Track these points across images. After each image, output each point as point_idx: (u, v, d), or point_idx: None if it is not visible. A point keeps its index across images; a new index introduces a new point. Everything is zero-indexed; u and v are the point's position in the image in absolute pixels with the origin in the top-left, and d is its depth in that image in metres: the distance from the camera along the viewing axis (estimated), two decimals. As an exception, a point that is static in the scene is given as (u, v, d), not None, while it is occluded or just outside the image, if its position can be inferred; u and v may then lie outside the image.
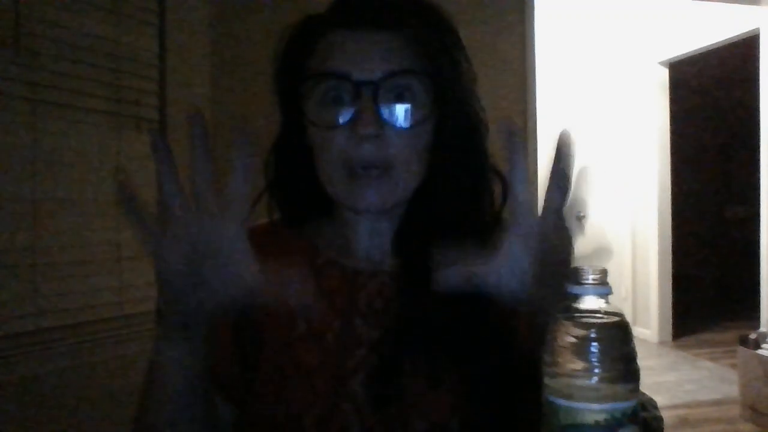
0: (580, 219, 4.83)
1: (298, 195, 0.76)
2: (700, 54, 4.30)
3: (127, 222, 0.51)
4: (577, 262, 0.57)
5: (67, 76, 1.64)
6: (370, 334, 0.69)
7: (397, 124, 0.66)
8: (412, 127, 0.66)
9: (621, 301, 4.77)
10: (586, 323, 0.42)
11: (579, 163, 0.55)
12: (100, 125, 1.72)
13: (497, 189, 0.73)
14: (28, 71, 1.56)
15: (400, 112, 0.66)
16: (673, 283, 4.69)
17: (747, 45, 3.82)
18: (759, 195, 3.65)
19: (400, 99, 0.66)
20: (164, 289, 0.52)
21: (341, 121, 0.65)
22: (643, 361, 0.48)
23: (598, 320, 0.42)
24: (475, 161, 0.72)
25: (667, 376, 3.93)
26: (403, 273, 0.71)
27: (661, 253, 4.64)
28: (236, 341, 0.72)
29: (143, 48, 1.83)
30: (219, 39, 2.04)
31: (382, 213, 0.72)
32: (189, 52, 1.95)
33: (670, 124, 4.66)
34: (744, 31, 3.76)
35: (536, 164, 2.43)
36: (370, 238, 0.74)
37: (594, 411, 0.41)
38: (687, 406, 3.42)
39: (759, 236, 3.64)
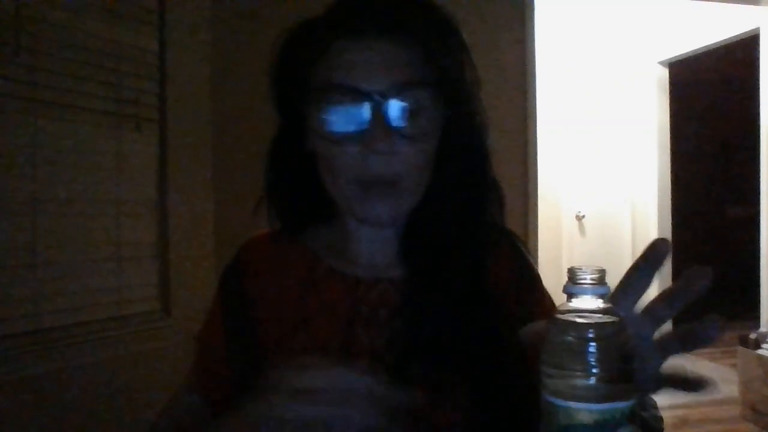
0: (580, 218, 4.83)
1: (298, 201, 0.74)
2: (700, 54, 4.30)
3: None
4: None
5: (67, 76, 1.64)
6: (373, 344, 0.68)
7: (408, 138, 0.64)
8: (421, 138, 0.65)
9: (621, 301, 4.75)
10: (584, 323, 0.42)
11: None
12: (100, 125, 1.73)
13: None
14: (28, 71, 1.56)
15: (411, 124, 0.64)
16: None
17: (747, 45, 3.82)
18: (759, 195, 3.65)
19: (411, 112, 0.64)
20: None
21: (351, 135, 0.63)
22: (642, 361, 0.47)
23: (596, 320, 0.42)
24: (479, 166, 0.70)
25: (667, 376, 3.93)
26: (410, 281, 0.70)
27: (661, 253, 4.63)
28: (230, 346, 0.72)
29: (143, 48, 1.83)
30: (219, 39, 2.04)
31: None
32: (189, 52, 1.95)
33: (670, 124, 4.66)
34: (744, 31, 3.76)
35: (536, 165, 2.43)
36: (373, 246, 0.72)
37: (593, 411, 0.40)
38: (687, 406, 3.42)
39: (759, 236, 3.63)
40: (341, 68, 0.64)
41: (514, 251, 0.77)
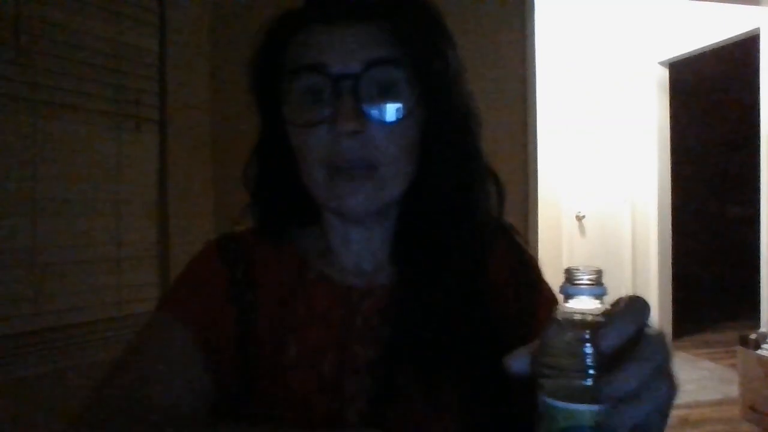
0: (580, 218, 4.83)
1: (281, 202, 0.70)
2: (700, 54, 4.30)
3: None
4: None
5: (67, 76, 1.64)
6: (367, 357, 0.63)
7: (381, 119, 0.61)
8: (396, 122, 0.61)
9: (621, 301, 4.75)
10: (581, 324, 0.42)
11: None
12: (100, 125, 1.73)
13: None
14: (28, 71, 1.56)
15: (383, 106, 0.61)
16: (673, 283, 4.69)
17: (747, 45, 3.82)
18: (759, 195, 3.65)
19: (383, 92, 0.61)
20: None
21: (320, 117, 0.61)
22: (640, 362, 0.47)
23: (593, 320, 0.42)
24: (467, 158, 0.67)
25: (667, 376, 3.93)
26: (403, 288, 0.66)
27: (661, 253, 4.63)
28: (238, 335, 0.65)
29: (143, 48, 1.83)
30: (219, 39, 2.04)
31: (372, 220, 0.67)
32: (189, 52, 1.95)
33: (670, 124, 4.66)
34: (744, 31, 3.76)
35: (536, 165, 2.43)
36: (360, 249, 0.68)
37: (593, 412, 0.40)
38: (687, 406, 3.42)
39: (759, 236, 3.63)
40: (310, 51, 0.62)
41: (513, 247, 0.73)
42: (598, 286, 0.43)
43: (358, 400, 0.62)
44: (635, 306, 0.42)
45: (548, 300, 0.71)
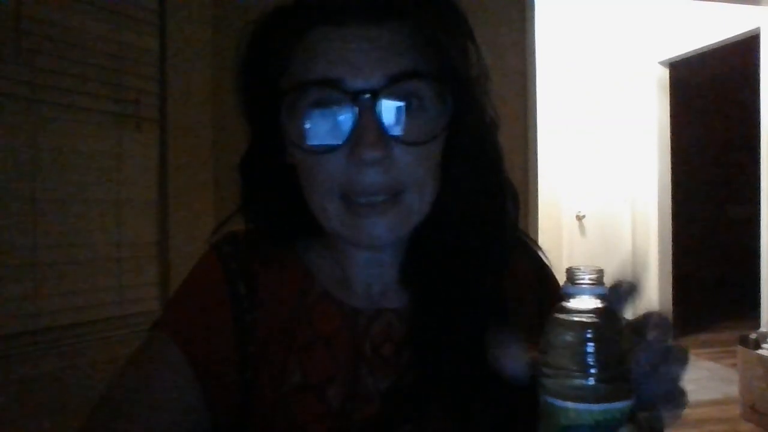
0: (580, 218, 4.83)
1: (280, 224, 0.64)
2: (700, 54, 4.30)
3: None
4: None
5: (67, 76, 1.64)
6: (378, 386, 0.58)
7: (408, 142, 0.52)
8: (422, 142, 0.53)
9: (621, 301, 4.77)
10: (582, 324, 0.42)
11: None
12: (100, 125, 1.72)
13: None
14: (28, 71, 1.56)
15: (409, 125, 0.52)
16: (673, 283, 4.69)
17: (747, 45, 3.82)
18: (759, 195, 3.65)
19: (409, 110, 0.52)
20: None
21: (335, 143, 0.52)
22: (642, 362, 0.47)
23: (594, 320, 0.42)
24: (492, 173, 0.60)
25: (667, 376, 3.93)
26: (417, 311, 0.60)
27: (661, 253, 4.64)
28: (239, 383, 0.61)
29: (143, 48, 1.83)
30: (219, 39, 2.04)
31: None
32: (189, 52, 1.95)
33: (670, 124, 4.66)
34: (744, 31, 3.76)
35: (536, 165, 2.43)
36: (369, 270, 0.62)
37: (594, 411, 0.40)
38: (687, 405, 3.42)
39: (759, 236, 3.64)
40: (318, 59, 0.53)
41: (531, 261, 0.68)
42: (599, 286, 0.43)
43: (368, 430, 0.57)
44: (662, 326, 0.43)
45: None
